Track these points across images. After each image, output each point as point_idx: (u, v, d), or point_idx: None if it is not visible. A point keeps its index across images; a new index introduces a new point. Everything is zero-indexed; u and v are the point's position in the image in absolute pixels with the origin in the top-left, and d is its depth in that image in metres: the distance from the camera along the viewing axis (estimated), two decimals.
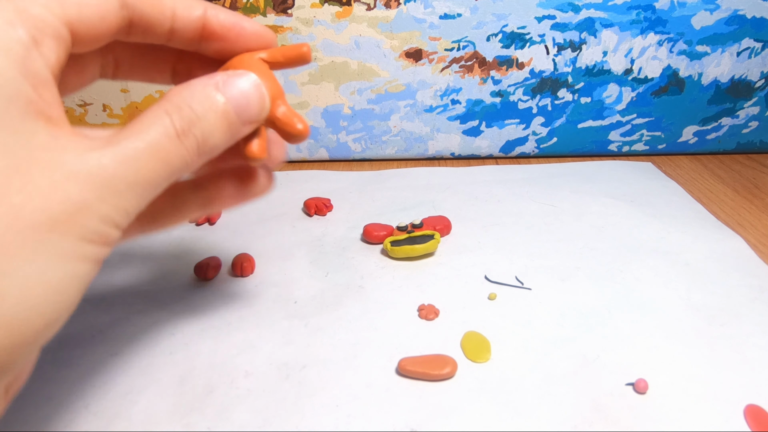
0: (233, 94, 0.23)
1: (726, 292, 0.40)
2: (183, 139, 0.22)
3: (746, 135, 0.67)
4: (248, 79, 0.24)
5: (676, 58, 0.62)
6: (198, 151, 0.22)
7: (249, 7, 0.59)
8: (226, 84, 0.23)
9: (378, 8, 0.59)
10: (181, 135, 0.22)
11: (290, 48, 0.28)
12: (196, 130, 0.22)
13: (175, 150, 0.21)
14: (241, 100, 0.24)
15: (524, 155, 0.68)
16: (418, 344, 0.35)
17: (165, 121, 0.21)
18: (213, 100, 0.23)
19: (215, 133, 0.23)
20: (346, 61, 0.62)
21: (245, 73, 0.24)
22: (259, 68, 0.25)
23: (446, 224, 0.49)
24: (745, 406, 0.30)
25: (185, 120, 0.22)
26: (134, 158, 0.20)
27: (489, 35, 0.61)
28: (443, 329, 0.37)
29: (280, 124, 0.26)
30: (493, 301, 0.39)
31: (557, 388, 0.32)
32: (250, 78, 0.24)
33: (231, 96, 0.23)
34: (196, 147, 0.22)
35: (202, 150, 0.23)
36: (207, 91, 0.23)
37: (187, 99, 0.22)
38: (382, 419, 0.30)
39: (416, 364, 0.33)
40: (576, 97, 0.64)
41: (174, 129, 0.21)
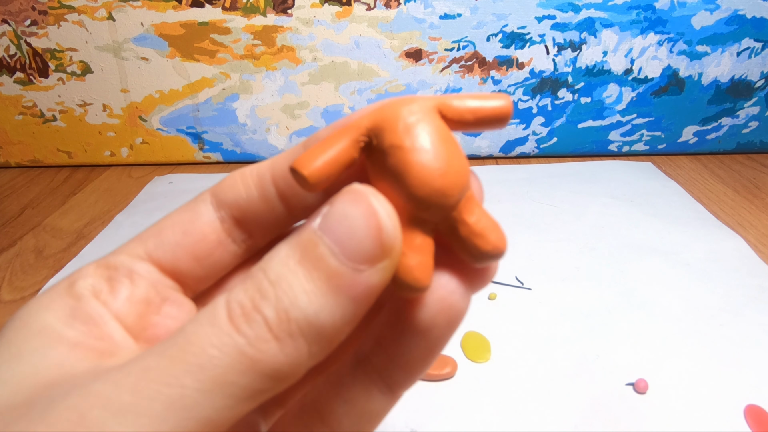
0: (330, 227, 0.14)
1: (726, 292, 0.40)
2: (247, 325, 0.14)
3: (746, 135, 0.67)
4: (353, 198, 0.14)
5: (676, 58, 0.62)
6: (288, 338, 0.14)
7: (249, 7, 0.59)
8: (320, 217, 0.14)
9: (378, 8, 0.59)
10: (243, 319, 0.14)
11: (484, 99, 0.16)
12: (268, 305, 0.14)
13: (233, 357, 0.13)
14: (343, 232, 0.14)
15: (524, 155, 0.68)
16: None
17: (218, 315, 0.14)
18: (296, 248, 0.14)
19: (307, 298, 0.14)
20: (346, 61, 0.62)
21: (354, 190, 0.14)
22: (435, 132, 0.15)
23: None
24: (745, 406, 0.30)
25: (249, 295, 0.14)
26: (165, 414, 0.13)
27: (489, 35, 0.61)
28: None
29: (464, 233, 0.15)
30: (493, 301, 0.39)
31: (557, 388, 0.32)
32: (359, 195, 0.14)
33: (327, 230, 0.14)
34: (282, 333, 0.14)
35: (296, 333, 0.14)
36: (290, 241, 0.14)
37: (265, 260, 0.15)
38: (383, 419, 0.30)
39: None
40: (576, 97, 0.64)
41: (227, 318, 0.14)
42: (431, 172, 0.14)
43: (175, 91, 0.64)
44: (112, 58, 0.62)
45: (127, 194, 0.60)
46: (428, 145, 0.14)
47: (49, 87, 0.64)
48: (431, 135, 0.15)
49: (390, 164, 0.14)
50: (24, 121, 0.65)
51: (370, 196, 0.14)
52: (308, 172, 0.14)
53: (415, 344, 0.16)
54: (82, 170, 0.68)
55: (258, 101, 0.64)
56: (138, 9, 0.60)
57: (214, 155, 0.68)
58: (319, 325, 0.14)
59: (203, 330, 0.14)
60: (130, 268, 0.17)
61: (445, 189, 0.14)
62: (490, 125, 0.16)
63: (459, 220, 0.15)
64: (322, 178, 0.14)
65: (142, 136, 0.66)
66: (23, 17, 0.60)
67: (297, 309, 0.14)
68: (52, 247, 0.51)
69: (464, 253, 0.16)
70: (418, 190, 0.14)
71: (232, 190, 0.18)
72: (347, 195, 0.14)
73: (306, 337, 0.14)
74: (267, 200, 0.18)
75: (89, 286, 0.17)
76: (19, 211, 0.57)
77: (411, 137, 0.14)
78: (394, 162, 0.14)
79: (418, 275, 0.15)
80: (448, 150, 0.15)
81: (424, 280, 0.15)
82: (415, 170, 0.14)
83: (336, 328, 0.14)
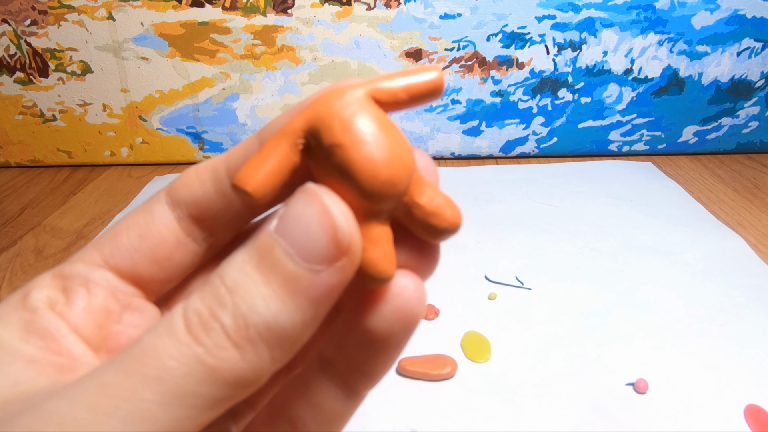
0: (285, 229, 0.14)
1: (726, 292, 0.40)
2: (205, 334, 0.13)
3: (746, 135, 0.67)
4: (306, 198, 0.14)
5: (676, 58, 0.62)
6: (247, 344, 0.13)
7: (249, 7, 0.59)
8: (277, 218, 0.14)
9: (378, 8, 0.59)
10: (201, 328, 0.13)
11: (415, 74, 0.16)
12: (226, 312, 0.13)
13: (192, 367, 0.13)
14: (298, 234, 0.14)
15: (524, 155, 0.68)
16: (418, 344, 0.35)
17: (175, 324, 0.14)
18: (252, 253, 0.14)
19: (264, 303, 0.13)
20: (346, 61, 0.62)
21: (307, 190, 0.14)
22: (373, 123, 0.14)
23: None
24: (745, 406, 0.30)
25: (206, 303, 0.14)
26: None
27: (489, 35, 0.61)
28: (443, 329, 0.37)
29: (419, 215, 0.16)
30: (493, 300, 0.39)
31: (557, 388, 0.32)
32: (312, 195, 0.14)
33: (283, 233, 0.14)
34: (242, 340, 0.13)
35: (255, 339, 0.13)
36: (246, 246, 0.14)
37: (222, 266, 0.14)
38: (382, 419, 0.30)
39: (416, 364, 0.33)
40: (576, 97, 0.64)
41: (185, 328, 0.13)
42: (376, 165, 0.14)
43: (175, 90, 0.64)
44: (112, 57, 0.62)
45: (127, 194, 0.60)
46: (368, 138, 0.14)
47: (49, 87, 0.64)
48: (369, 127, 0.14)
49: (333, 163, 0.14)
50: (24, 120, 0.65)
51: (323, 195, 0.14)
52: (252, 188, 0.14)
53: (374, 351, 0.16)
54: (82, 170, 0.68)
55: (258, 101, 0.64)
56: (138, 9, 0.60)
57: (214, 155, 0.68)
58: (279, 329, 0.13)
59: (161, 341, 0.13)
60: (85, 277, 0.17)
61: (393, 178, 0.14)
62: (425, 100, 0.16)
63: (412, 204, 0.15)
64: (267, 191, 0.14)
65: (142, 135, 0.66)
66: (23, 17, 0.60)
67: (255, 315, 0.13)
68: (52, 247, 0.51)
69: (423, 233, 0.16)
70: (366, 185, 0.14)
71: (188, 188, 0.17)
72: (301, 195, 0.14)
73: (266, 343, 0.13)
74: (224, 195, 0.17)
75: (44, 298, 0.16)
76: (19, 211, 0.57)
77: (349, 133, 0.14)
78: (337, 161, 0.14)
79: (382, 267, 0.15)
80: (388, 138, 0.14)
81: (388, 270, 0.15)
82: (359, 166, 0.14)
83: (297, 331, 0.14)
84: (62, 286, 0.17)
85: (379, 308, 0.16)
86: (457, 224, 0.16)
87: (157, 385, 0.13)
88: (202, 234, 0.18)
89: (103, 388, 0.13)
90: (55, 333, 0.16)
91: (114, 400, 0.13)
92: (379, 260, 0.15)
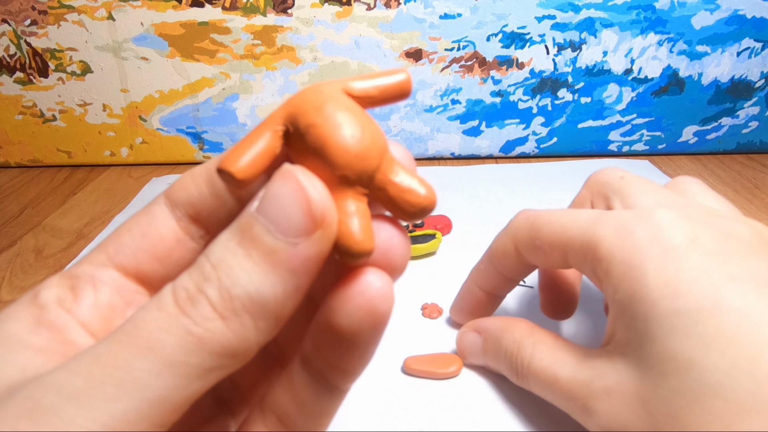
0: (264, 207, 0.15)
1: None
2: (192, 307, 0.14)
3: (746, 135, 0.67)
4: (282, 177, 0.15)
5: (676, 58, 0.62)
6: (232, 315, 0.14)
7: (249, 7, 0.59)
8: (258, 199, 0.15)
9: (378, 8, 0.60)
10: (188, 302, 0.14)
11: (386, 75, 0.17)
12: (211, 286, 0.14)
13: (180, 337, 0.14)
14: (275, 210, 0.15)
15: (524, 155, 0.68)
16: (422, 343, 0.35)
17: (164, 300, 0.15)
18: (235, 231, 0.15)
19: (247, 276, 0.14)
20: (346, 61, 0.62)
21: (282, 170, 0.15)
22: (344, 107, 0.16)
23: (447, 223, 0.48)
24: None
25: (193, 280, 0.15)
26: None
27: (489, 35, 0.61)
28: (447, 327, 0.37)
29: (394, 193, 0.16)
30: None
31: None
32: (287, 174, 0.15)
33: (262, 210, 0.15)
34: (227, 311, 0.14)
35: (239, 310, 0.14)
36: (230, 227, 0.15)
37: (208, 247, 0.15)
38: (388, 419, 0.30)
39: (421, 362, 0.33)
40: (576, 97, 0.64)
41: (173, 302, 0.14)
42: (347, 140, 0.15)
43: (175, 91, 0.64)
44: (112, 57, 0.62)
45: (127, 194, 0.60)
46: (339, 118, 0.15)
47: (49, 87, 0.63)
48: (340, 109, 0.16)
49: (309, 143, 0.15)
50: (24, 120, 0.65)
51: (296, 172, 0.15)
52: (235, 169, 0.15)
53: (345, 348, 0.17)
54: (82, 170, 0.68)
55: (258, 101, 0.64)
56: (138, 9, 0.60)
57: (214, 155, 0.67)
58: (262, 300, 0.14)
59: (151, 315, 0.14)
60: (92, 276, 0.18)
61: (363, 152, 0.15)
62: (394, 99, 0.17)
63: (386, 181, 0.16)
64: (249, 173, 0.15)
65: (142, 136, 0.66)
66: (23, 17, 0.60)
67: (238, 287, 0.14)
68: (52, 247, 0.51)
69: (399, 211, 0.17)
70: (338, 158, 0.15)
71: (184, 190, 0.19)
72: (277, 175, 0.15)
73: (250, 313, 0.14)
74: (218, 196, 0.18)
75: (53, 296, 0.17)
76: (18, 211, 0.57)
77: (323, 115, 0.15)
78: (312, 139, 0.15)
79: (359, 238, 0.15)
80: (358, 119, 0.16)
81: (365, 242, 0.15)
82: (332, 141, 0.15)
83: (279, 302, 0.15)
84: (70, 285, 0.18)
85: (345, 306, 0.16)
86: (432, 200, 0.17)
87: (149, 355, 0.14)
88: (199, 232, 0.19)
89: (98, 358, 0.14)
90: (62, 326, 0.17)
91: (108, 369, 0.14)
92: (356, 232, 0.15)
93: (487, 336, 0.31)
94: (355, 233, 0.15)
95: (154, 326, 0.14)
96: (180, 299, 0.14)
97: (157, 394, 0.14)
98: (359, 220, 0.16)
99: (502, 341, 0.29)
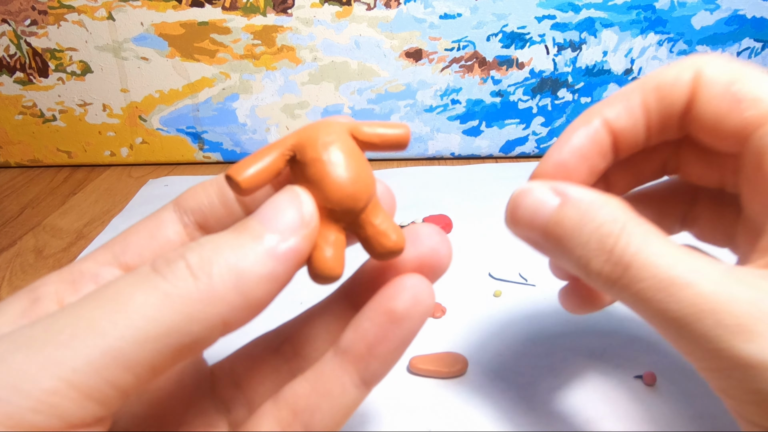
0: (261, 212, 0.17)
1: None
2: (168, 269, 0.15)
3: None
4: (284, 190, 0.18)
5: (677, 58, 0.62)
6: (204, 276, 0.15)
7: (249, 7, 0.59)
8: None
9: (378, 8, 0.60)
10: (166, 266, 0.15)
11: (388, 127, 0.20)
12: (194, 254, 0.15)
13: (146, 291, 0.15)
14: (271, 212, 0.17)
15: (524, 155, 0.68)
16: (426, 342, 0.35)
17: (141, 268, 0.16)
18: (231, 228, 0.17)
19: (231, 250, 0.16)
20: (346, 61, 0.62)
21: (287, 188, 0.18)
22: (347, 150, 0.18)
23: (447, 222, 0.48)
24: None
25: (177, 252, 0.16)
26: None
27: (489, 35, 0.61)
28: (450, 326, 0.37)
29: (371, 233, 0.19)
30: (498, 297, 0.39)
31: (566, 383, 0.32)
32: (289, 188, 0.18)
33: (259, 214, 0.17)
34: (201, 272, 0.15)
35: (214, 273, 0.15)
36: None
37: None
38: (394, 418, 0.30)
39: (427, 362, 0.33)
40: (576, 97, 0.64)
41: (150, 267, 0.15)
42: (343, 180, 0.17)
43: (175, 91, 0.64)
44: (112, 58, 0.62)
45: (127, 194, 0.60)
46: (341, 159, 0.18)
47: (49, 87, 0.63)
48: (344, 152, 0.18)
49: (310, 174, 0.18)
50: (24, 120, 0.65)
51: (296, 188, 0.18)
52: (241, 179, 0.17)
53: (392, 332, 0.18)
54: (82, 170, 0.67)
55: (258, 101, 0.64)
56: (138, 9, 0.59)
57: (214, 155, 0.67)
58: (238, 271, 0.15)
59: (124, 278, 0.15)
60: (95, 273, 0.19)
61: (355, 194, 0.18)
62: (393, 148, 0.20)
63: (367, 222, 0.18)
64: (253, 184, 0.17)
65: (142, 136, 0.66)
66: (23, 17, 0.60)
67: (221, 256, 0.15)
68: (52, 247, 0.50)
69: (371, 249, 0.19)
70: (333, 194, 0.17)
71: (194, 199, 0.20)
72: (281, 190, 0.17)
73: (224, 280, 0.15)
74: (227, 205, 0.20)
75: (51, 292, 0.18)
76: (18, 211, 0.57)
77: (328, 152, 0.18)
78: (314, 172, 0.17)
79: (331, 265, 0.18)
80: (357, 164, 0.18)
81: (336, 269, 0.18)
82: (330, 178, 0.17)
83: (252, 281, 0.15)
84: (71, 280, 0.19)
85: (398, 296, 0.18)
86: (401, 247, 0.19)
87: (108, 305, 0.14)
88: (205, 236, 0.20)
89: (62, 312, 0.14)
90: None
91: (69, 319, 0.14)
92: (330, 260, 0.18)
93: (569, 200, 0.21)
94: (327, 259, 0.18)
95: (124, 284, 0.15)
96: (158, 265, 0.15)
97: (111, 344, 0.13)
98: (334, 249, 0.18)
99: (594, 212, 0.20)
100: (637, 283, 0.18)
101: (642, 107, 0.23)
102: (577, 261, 0.20)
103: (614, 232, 0.19)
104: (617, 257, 0.19)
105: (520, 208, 0.22)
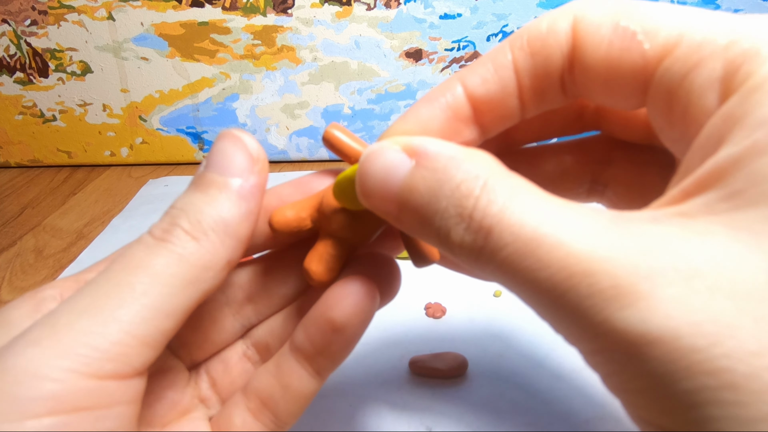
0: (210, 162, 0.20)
1: None
2: (169, 235, 0.18)
3: None
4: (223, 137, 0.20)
5: None
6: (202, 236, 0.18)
7: (249, 7, 0.59)
8: None
9: (378, 8, 0.60)
10: (165, 234, 0.18)
11: None
12: (184, 220, 0.18)
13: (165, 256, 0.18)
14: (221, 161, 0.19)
15: None
16: (427, 342, 0.35)
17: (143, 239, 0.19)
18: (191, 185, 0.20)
19: (209, 207, 0.18)
20: (346, 61, 0.62)
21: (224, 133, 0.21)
22: None
23: None
24: None
25: (166, 221, 0.19)
26: None
27: (489, 35, 0.61)
28: (450, 327, 0.37)
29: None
30: (498, 297, 0.39)
31: (567, 382, 0.32)
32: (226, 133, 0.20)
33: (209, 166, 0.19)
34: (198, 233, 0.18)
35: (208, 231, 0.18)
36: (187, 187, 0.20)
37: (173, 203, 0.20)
38: (396, 419, 0.30)
39: (427, 362, 0.33)
40: None
41: (151, 237, 0.18)
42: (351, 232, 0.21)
43: (175, 91, 0.64)
44: (112, 58, 0.62)
45: (127, 194, 0.60)
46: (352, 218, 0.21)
47: (49, 87, 0.63)
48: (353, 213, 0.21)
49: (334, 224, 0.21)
50: (24, 121, 0.65)
51: (232, 130, 0.20)
52: (277, 225, 0.21)
53: (335, 339, 0.20)
54: (82, 170, 0.67)
55: (258, 101, 0.64)
56: (138, 9, 0.60)
57: None
58: (224, 221, 0.18)
59: (133, 250, 0.18)
60: None
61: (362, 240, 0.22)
62: None
63: None
64: (286, 228, 0.21)
65: (142, 136, 0.66)
66: (23, 17, 0.60)
67: (205, 215, 0.18)
68: (52, 247, 0.50)
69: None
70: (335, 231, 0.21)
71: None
72: (218, 137, 0.20)
73: (217, 233, 0.18)
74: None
75: (57, 294, 0.19)
76: (19, 211, 0.57)
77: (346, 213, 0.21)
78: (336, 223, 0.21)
79: (319, 270, 0.21)
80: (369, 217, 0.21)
81: (324, 274, 0.21)
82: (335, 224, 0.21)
83: (237, 222, 0.18)
84: (77, 281, 0.20)
85: (339, 303, 0.20)
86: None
87: (141, 272, 0.17)
88: None
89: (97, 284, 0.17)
90: None
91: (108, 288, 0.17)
92: (317, 265, 0.21)
93: (424, 160, 0.16)
94: (317, 265, 0.21)
95: (141, 254, 0.17)
96: (156, 234, 0.18)
97: (154, 302, 0.17)
98: (326, 258, 0.21)
99: (452, 170, 0.16)
100: (500, 251, 0.14)
101: (512, 69, 0.19)
102: (436, 235, 0.16)
103: (474, 192, 0.15)
104: (478, 222, 0.15)
105: (369, 175, 0.17)
